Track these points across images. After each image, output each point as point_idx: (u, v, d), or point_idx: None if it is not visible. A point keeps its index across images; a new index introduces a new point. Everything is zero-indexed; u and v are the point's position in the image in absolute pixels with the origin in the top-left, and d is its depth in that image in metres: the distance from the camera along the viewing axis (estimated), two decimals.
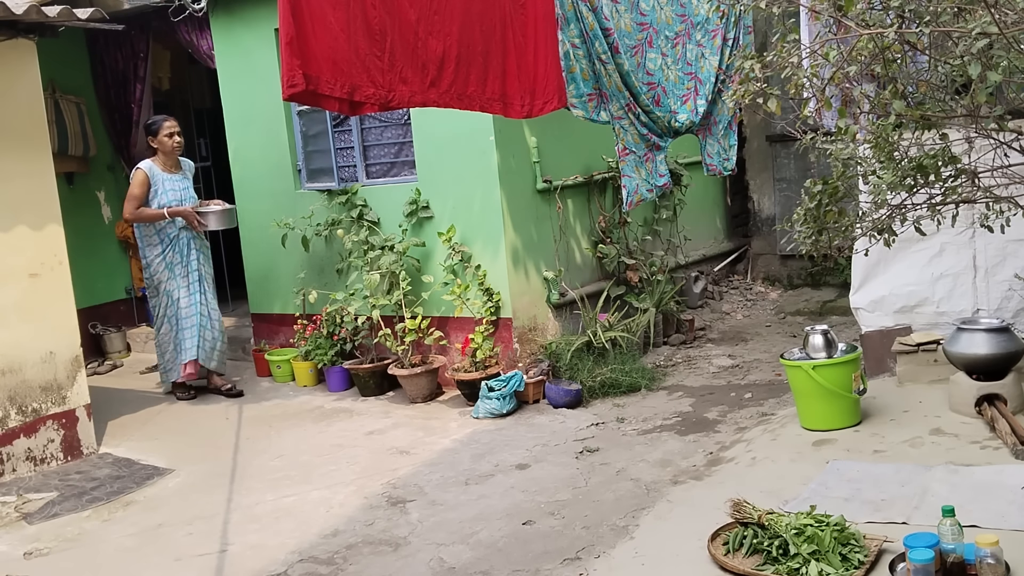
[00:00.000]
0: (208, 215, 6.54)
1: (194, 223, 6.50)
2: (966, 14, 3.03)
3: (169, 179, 6.54)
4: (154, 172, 6.50)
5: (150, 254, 6.58)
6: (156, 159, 6.55)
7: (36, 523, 4.80)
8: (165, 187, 6.50)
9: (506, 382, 5.82)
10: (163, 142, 6.50)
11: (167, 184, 6.52)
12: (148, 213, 6.46)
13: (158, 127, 6.52)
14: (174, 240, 6.56)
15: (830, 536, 3.28)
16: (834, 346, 4.72)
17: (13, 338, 5.41)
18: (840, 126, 3.39)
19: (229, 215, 6.69)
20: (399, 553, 4.06)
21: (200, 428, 6.21)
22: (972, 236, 5.01)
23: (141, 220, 6.51)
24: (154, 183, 6.47)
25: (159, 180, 6.49)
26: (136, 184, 6.47)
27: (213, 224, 6.62)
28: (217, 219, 6.60)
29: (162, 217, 6.44)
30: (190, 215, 6.47)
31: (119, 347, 8.47)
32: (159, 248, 6.56)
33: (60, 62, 7.99)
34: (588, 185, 6.93)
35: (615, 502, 4.30)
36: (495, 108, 5.18)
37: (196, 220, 6.49)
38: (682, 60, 6.52)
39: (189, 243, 6.60)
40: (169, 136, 6.49)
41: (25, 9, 5.18)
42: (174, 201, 6.49)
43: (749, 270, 8.95)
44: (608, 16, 5.73)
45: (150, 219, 6.47)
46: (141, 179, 6.47)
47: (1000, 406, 4.37)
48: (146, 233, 6.58)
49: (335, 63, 4.33)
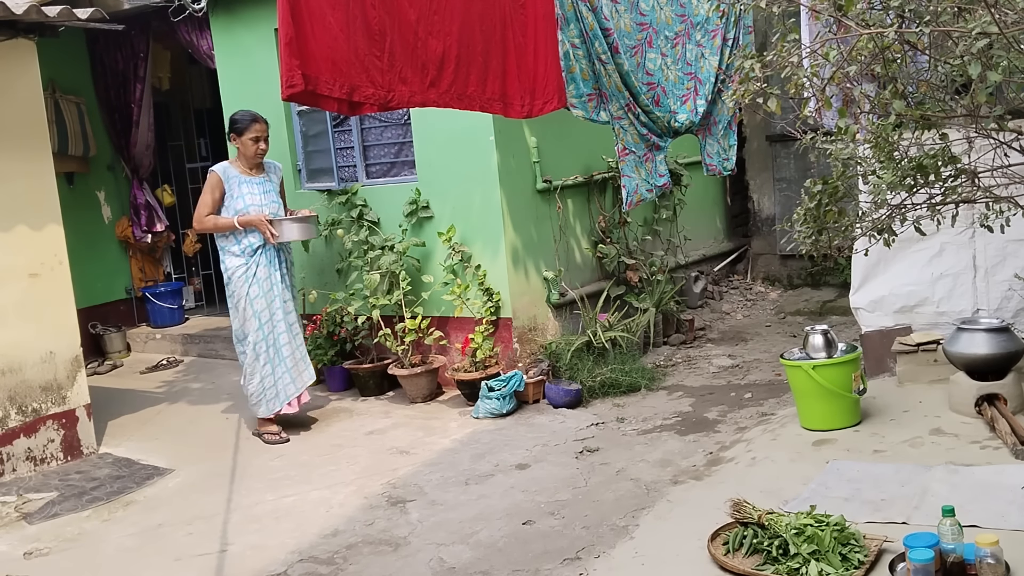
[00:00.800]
0: (282, 225, 5.67)
1: (267, 234, 5.63)
2: (966, 14, 3.02)
3: (247, 182, 5.74)
4: (229, 175, 5.72)
5: (230, 266, 5.73)
6: (235, 160, 5.82)
7: (36, 523, 4.80)
8: (242, 191, 5.71)
9: (506, 382, 5.82)
10: (246, 145, 5.73)
11: (244, 188, 5.72)
12: (218, 222, 5.66)
13: (244, 127, 5.72)
14: (258, 251, 5.71)
15: (830, 536, 3.28)
16: (834, 346, 4.72)
17: (13, 338, 5.41)
18: (840, 126, 3.39)
19: (309, 225, 5.81)
20: (399, 553, 4.06)
21: (200, 428, 6.21)
22: (972, 236, 5.01)
23: (209, 230, 5.77)
24: (228, 187, 5.68)
25: (234, 183, 5.70)
26: (208, 188, 5.70)
27: (289, 235, 5.73)
28: (293, 230, 5.72)
29: (232, 227, 5.63)
30: (262, 225, 5.61)
31: (119, 347, 8.48)
32: (240, 260, 5.70)
33: (60, 62, 7.99)
34: (588, 185, 6.93)
35: (615, 502, 4.30)
36: (495, 108, 5.18)
37: (269, 231, 5.63)
38: (682, 60, 6.52)
39: (277, 254, 5.79)
40: (255, 141, 5.73)
41: (25, 9, 5.18)
42: (252, 207, 5.68)
43: (749, 270, 8.95)
44: (608, 16, 5.73)
45: (219, 229, 5.69)
46: (214, 183, 5.70)
47: (1000, 406, 4.37)
48: (224, 244, 5.75)
49: (334, 63, 4.33)
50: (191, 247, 9.11)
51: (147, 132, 8.51)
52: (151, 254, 9.03)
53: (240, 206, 5.68)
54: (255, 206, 5.69)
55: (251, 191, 5.73)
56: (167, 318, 8.69)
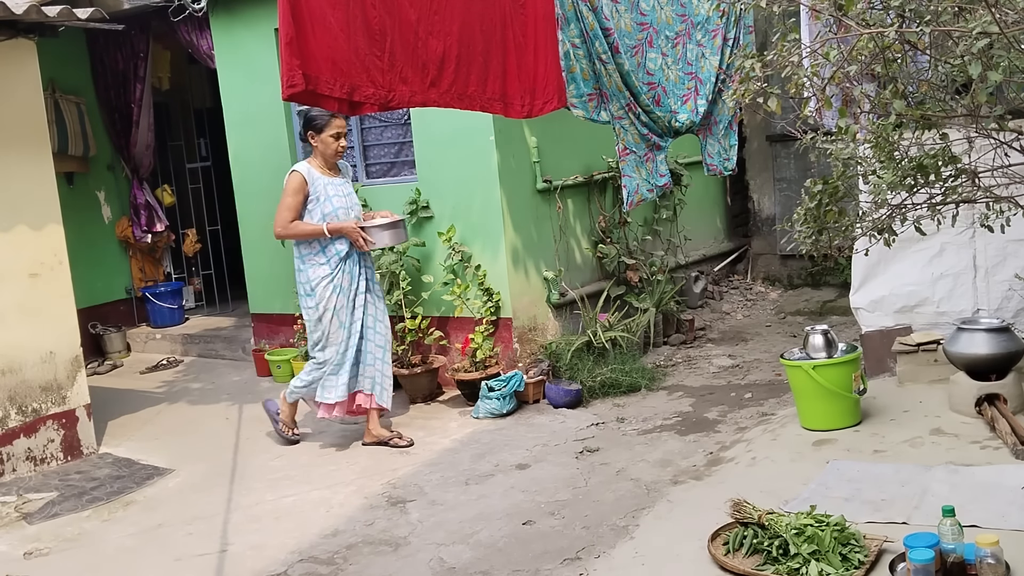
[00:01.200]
0: (375, 231, 5.29)
1: (359, 242, 5.23)
2: (966, 14, 3.02)
3: (331, 184, 5.29)
4: (313, 176, 5.26)
5: (314, 276, 5.26)
6: (313, 160, 5.34)
7: (36, 523, 4.80)
8: (328, 193, 5.25)
9: (506, 382, 5.82)
10: (326, 143, 5.26)
11: (330, 190, 5.27)
12: (304, 228, 5.21)
13: (324, 123, 5.25)
14: (344, 259, 5.29)
15: (830, 536, 3.28)
16: (834, 346, 4.72)
17: (13, 338, 5.41)
18: (840, 126, 3.39)
19: (400, 230, 5.43)
20: (399, 553, 4.06)
21: (200, 428, 6.20)
22: (972, 236, 5.01)
23: (294, 236, 5.26)
24: (313, 189, 5.22)
25: (320, 185, 5.24)
26: (291, 190, 5.21)
27: (382, 242, 5.36)
28: (384, 236, 5.33)
29: (320, 234, 5.20)
30: (353, 232, 5.20)
31: (119, 347, 8.48)
32: (326, 269, 5.25)
33: (60, 62, 7.99)
34: (588, 185, 6.93)
35: (615, 502, 4.29)
36: (495, 108, 5.18)
37: (361, 238, 5.24)
38: (682, 60, 6.52)
39: (360, 261, 5.39)
40: (335, 137, 5.26)
41: (25, 9, 5.18)
42: (340, 209, 5.26)
43: (749, 270, 8.95)
44: (608, 16, 5.73)
45: (306, 236, 5.23)
46: (297, 184, 5.21)
47: (1000, 406, 4.37)
48: (307, 252, 5.29)
49: (335, 63, 4.33)
50: (191, 247, 9.11)
51: (147, 132, 8.51)
52: (151, 254, 9.03)
53: (328, 210, 5.23)
54: (343, 209, 5.27)
55: (337, 193, 5.30)
56: (167, 318, 8.69)
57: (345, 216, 5.28)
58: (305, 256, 5.30)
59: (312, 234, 5.22)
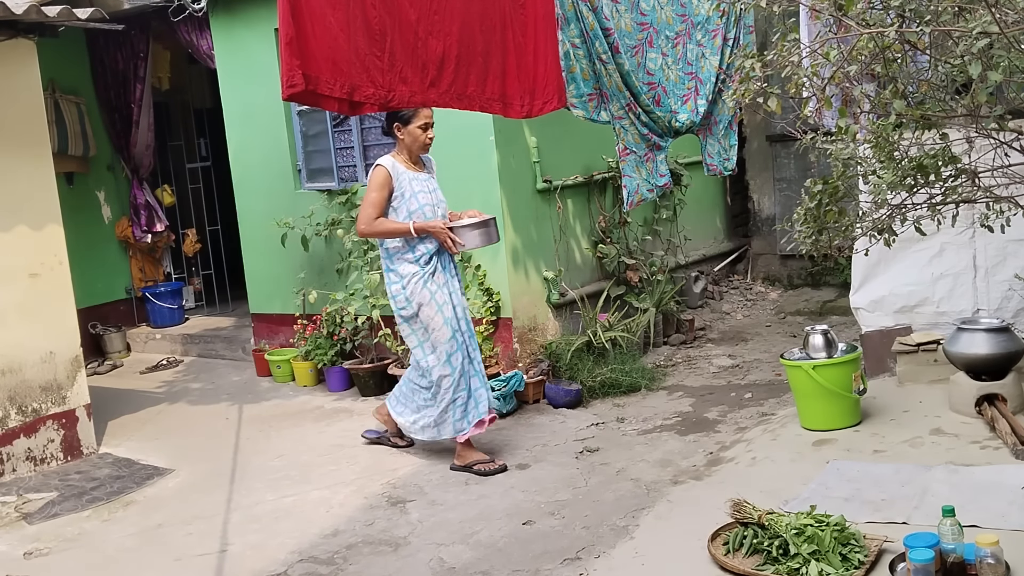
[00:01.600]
0: (464, 232, 4.91)
1: (448, 243, 4.88)
2: (966, 13, 3.02)
3: (417, 179, 4.97)
4: (398, 171, 4.93)
5: (405, 273, 4.91)
6: (398, 154, 5.01)
7: (36, 523, 4.80)
8: (414, 189, 4.93)
9: (506, 382, 5.82)
10: (413, 134, 4.94)
11: (416, 185, 4.95)
12: (390, 226, 4.86)
13: (411, 114, 4.93)
14: (434, 258, 4.95)
15: (830, 536, 3.28)
16: (834, 346, 4.72)
17: (13, 338, 5.41)
18: (840, 126, 3.39)
19: (491, 230, 5.01)
20: (399, 553, 4.06)
21: (200, 428, 6.20)
22: (972, 236, 5.01)
23: (379, 235, 4.95)
24: (398, 184, 4.91)
25: (405, 180, 4.93)
26: (376, 185, 4.89)
27: (472, 243, 4.97)
28: (474, 237, 4.95)
29: (407, 233, 4.85)
30: (441, 233, 4.85)
31: (119, 347, 8.48)
32: (415, 267, 4.91)
33: (60, 62, 7.99)
34: (588, 185, 6.93)
35: (615, 502, 4.30)
36: (495, 108, 5.18)
37: (450, 239, 4.87)
38: (682, 60, 6.52)
39: (451, 260, 5.07)
40: (424, 128, 4.96)
41: (25, 9, 5.18)
42: (427, 206, 4.93)
43: (749, 270, 8.95)
44: (608, 16, 5.73)
45: (391, 234, 4.90)
46: (382, 179, 4.89)
47: (1000, 406, 4.37)
48: (396, 250, 4.95)
49: (335, 63, 4.33)
50: (191, 247, 9.11)
51: (147, 132, 8.51)
52: (151, 254, 9.03)
53: (414, 206, 4.91)
54: (429, 206, 4.94)
55: (423, 188, 4.98)
56: (167, 318, 8.69)
57: (432, 214, 4.94)
58: (394, 255, 4.95)
59: (397, 232, 4.86)
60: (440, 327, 4.89)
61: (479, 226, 4.95)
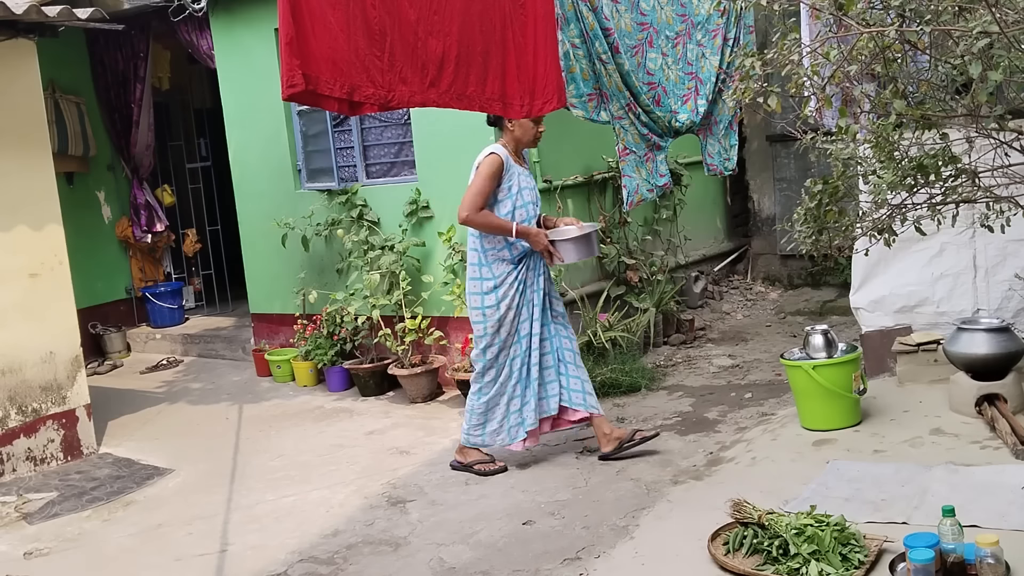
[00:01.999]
0: (565, 246, 4.65)
1: (547, 255, 4.68)
2: (967, 13, 3.02)
3: (523, 174, 4.76)
4: (509, 162, 4.69)
5: (499, 273, 4.70)
6: (506, 146, 4.77)
7: (36, 523, 4.80)
8: (520, 184, 4.71)
9: None
10: (525, 127, 4.77)
11: (522, 180, 4.73)
12: (495, 221, 4.62)
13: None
14: (526, 259, 4.76)
15: (830, 536, 3.28)
16: (834, 346, 4.72)
17: (13, 338, 5.41)
18: (840, 125, 3.39)
19: (591, 244, 4.73)
20: (399, 553, 4.05)
21: (200, 428, 6.20)
22: (972, 236, 5.01)
23: (481, 227, 4.64)
24: (508, 176, 4.66)
25: (514, 173, 4.69)
26: (488, 174, 4.62)
27: (571, 257, 4.72)
28: (576, 251, 4.69)
29: (508, 232, 4.61)
30: (542, 243, 4.62)
31: (119, 347, 8.48)
32: (510, 267, 4.71)
33: (60, 62, 7.99)
34: (588, 185, 6.93)
35: (615, 502, 4.29)
36: (495, 108, 5.17)
37: (550, 251, 4.66)
38: (682, 60, 6.52)
39: (540, 259, 4.80)
40: (536, 121, 4.81)
41: (25, 9, 5.18)
42: (530, 203, 4.74)
43: (749, 270, 8.95)
44: (608, 16, 5.72)
45: (492, 229, 4.64)
46: (495, 168, 4.63)
47: (1000, 406, 4.37)
48: (492, 246, 4.71)
49: (334, 63, 4.32)
50: (191, 247, 9.11)
51: (147, 132, 8.51)
52: (151, 254, 9.03)
53: (520, 203, 4.70)
54: (532, 204, 4.76)
55: (527, 185, 4.76)
56: (167, 318, 8.69)
57: (533, 213, 4.76)
58: (488, 250, 4.71)
59: (501, 229, 4.61)
60: (511, 333, 4.74)
61: (581, 240, 4.67)
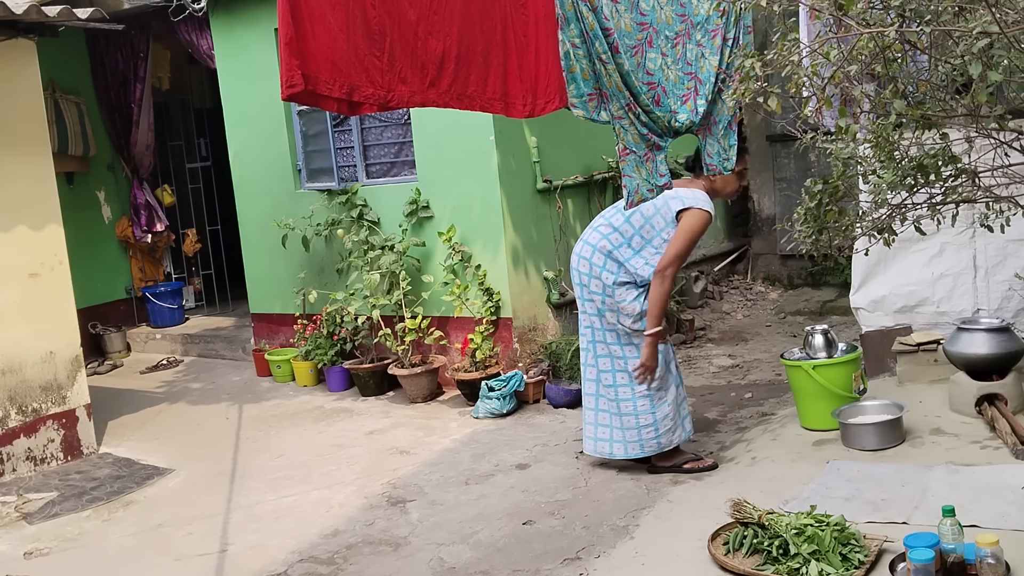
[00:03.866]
0: None
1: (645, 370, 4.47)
2: (967, 13, 3.02)
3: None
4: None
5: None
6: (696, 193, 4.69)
7: (36, 523, 4.80)
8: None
9: (506, 382, 5.82)
10: (728, 180, 4.83)
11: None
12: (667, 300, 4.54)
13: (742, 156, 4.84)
14: None
15: (830, 536, 3.28)
16: (834, 346, 4.72)
17: (13, 338, 5.41)
18: (840, 125, 3.39)
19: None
20: (399, 553, 4.05)
21: (200, 428, 6.20)
22: (972, 236, 5.00)
23: (664, 293, 4.46)
24: None
25: None
26: (698, 234, 4.52)
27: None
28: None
29: (657, 319, 4.46)
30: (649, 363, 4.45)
31: (119, 347, 8.48)
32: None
33: (60, 62, 7.99)
34: (588, 185, 6.93)
35: (615, 502, 4.29)
36: (496, 108, 5.17)
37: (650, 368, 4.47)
38: (682, 60, 6.50)
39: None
40: (740, 176, 4.80)
41: (25, 9, 5.18)
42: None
43: (749, 270, 8.94)
44: (608, 16, 5.72)
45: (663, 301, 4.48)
46: (704, 226, 4.54)
47: (1000, 406, 4.37)
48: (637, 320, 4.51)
49: (334, 63, 4.33)
50: (191, 247, 9.11)
51: (147, 132, 8.51)
52: (151, 254, 9.03)
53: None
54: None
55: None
56: (167, 318, 8.69)
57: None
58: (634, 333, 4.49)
59: (663, 307, 4.44)
60: None
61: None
